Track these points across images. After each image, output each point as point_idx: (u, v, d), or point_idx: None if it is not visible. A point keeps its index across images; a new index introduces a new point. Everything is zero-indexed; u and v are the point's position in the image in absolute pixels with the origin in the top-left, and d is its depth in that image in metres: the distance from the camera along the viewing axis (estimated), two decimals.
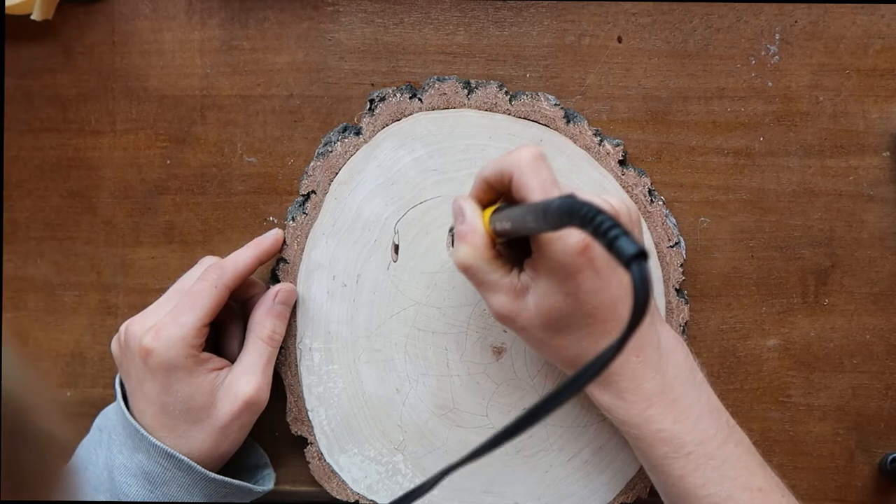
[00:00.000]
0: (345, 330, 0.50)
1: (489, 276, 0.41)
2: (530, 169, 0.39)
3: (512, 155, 0.40)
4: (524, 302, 0.41)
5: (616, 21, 0.49)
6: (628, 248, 0.29)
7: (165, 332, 0.44)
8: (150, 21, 0.51)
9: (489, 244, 0.41)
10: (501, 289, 0.41)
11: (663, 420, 0.41)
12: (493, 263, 0.41)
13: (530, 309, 0.41)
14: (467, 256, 0.41)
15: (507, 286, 0.41)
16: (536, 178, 0.39)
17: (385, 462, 0.50)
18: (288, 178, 0.51)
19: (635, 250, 0.28)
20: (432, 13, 0.50)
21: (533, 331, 0.41)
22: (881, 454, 0.51)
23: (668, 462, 0.41)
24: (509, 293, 0.41)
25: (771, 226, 0.50)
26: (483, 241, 0.41)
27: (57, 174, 0.52)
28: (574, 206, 0.32)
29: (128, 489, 0.44)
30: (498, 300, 0.41)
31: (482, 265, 0.41)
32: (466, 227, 0.41)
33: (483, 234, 0.41)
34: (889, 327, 0.50)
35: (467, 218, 0.41)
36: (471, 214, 0.41)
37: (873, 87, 0.49)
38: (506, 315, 0.41)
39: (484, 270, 0.41)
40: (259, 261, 0.48)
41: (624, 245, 0.29)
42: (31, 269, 0.53)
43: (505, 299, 0.41)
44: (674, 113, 0.50)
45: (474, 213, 0.41)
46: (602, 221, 0.30)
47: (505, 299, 0.41)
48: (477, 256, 0.40)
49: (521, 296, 0.41)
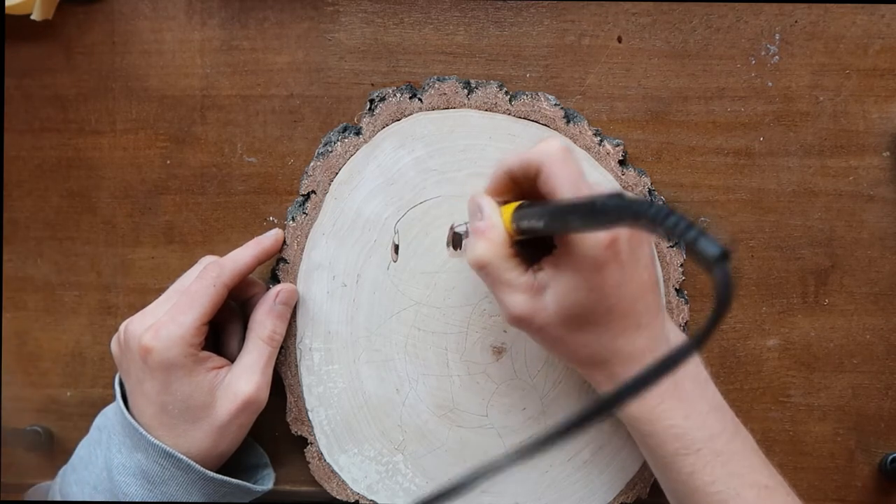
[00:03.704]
0: (345, 330, 0.49)
1: (506, 274, 0.40)
2: (561, 161, 0.38)
3: (540, 147, 0.39)
4: (542, 301, 0.40)
5: (616, 21, 0.49)
6: (712, 249, 0.27)
7: (165, 331, 0.44)
8: (150, 21, 0.51)
9: (508, 242, 0.40)
10: (519, 288, 0.40)
11: (675, 416, 0.41)
12: (510, 261, 0.40)
13: (548, 307, 0.40)
14: (486, 253, 0.40)
15: (524, 285, 0.40)
16: (567, 171, 0.38)
17: (385, 462, 0.50)
18: (288, 178, 0.51)
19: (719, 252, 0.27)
20: (432, 13, 0.50)
21: (551, 330, 0.40)
22: (881, 454, 0.50)
23: (678, 459, 0.41)
24: (527, 292, 0.40)
25: (771, 226, 0.50)
26: (502, 237, 0.40)
27: (57, 174, 0.52)
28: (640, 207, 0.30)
29: (127, 488, 0.44)
30: (514, 299, 0.40)
31: (500, 263, 0.40)
32: (485, 223, 0.40)
33: (502, 230, 0.40)
34: (889, 327, 0.50)
35: (486, 214, 0.40)
36: (489, 210, 0.40)
37: (873, 87, 0.49)
38: (523, 315, 0.40)
39: (502, 268, 0.40)
40: (259, 260, 0.48)
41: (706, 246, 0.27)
42: (31, 269, 0.53)
43: (522, 298, 0.40)
44: (674, 113, 0.50)
45: (493, 210, 0.41)
46: (678, 223, 0.28)
47: (522, 298, 0.40)
48: (496, 254, 0.40)
49: (539, 294, 0.40)
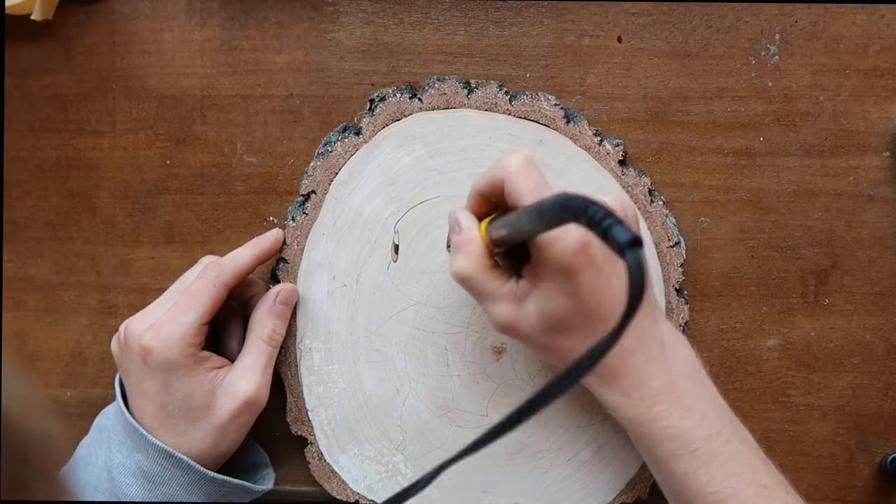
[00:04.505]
0: (345, 330, 0.49)
1: (487, 285, 0.41)
2: (520, 173, 0.40)
3: (500, 163, 0.40)
4: (525, 308, 0.41)
5: (616, 21, 0.49)
6: (622, 235, 0.29)
7: (165, 331, 0.44)
8: (150, 21, 0.51)
9: (486, 253, 0.41)
10: (501, 297, 0.41)
11: (670, 416, 0.41)
12: (490, 273, 0.41)
13: (531, 315, 0.41)
14: (465, 266, 0.41)
15: (507, 294, 0.41)
16: (527, 181, 0.39)
17: (385, 462, 0.50)
18: (288, 178, 0.51)
19: (629, 237, 0.28)
20: (432, 13, 0.50)
21: (536, 336, 0.41)
22: (881, 454, 0.50)
23: (674, 459, 0.41)
24: (510, 301, 0.41)
25: (771, 226, 0.50)
26: (479, 250, 0.41)
27: (57, 174, 0.52)
28: (567, 199, 0.32)
29: (127, 489, 0.44)
30: (498, 309, 0.41)
31: (480, 274, 0.41)
32: (463, 237, 0.41)
33: (479, 243, 0.41)
34: (889, 327, 0.50)
35: (463, 229, 0.42)
36: (467, 225, 0.42)
37: (873, 87, 0.49)
38: (507, 324, 0.41)
39: (482, 280, 0.41)
40: (258, 260, 0.48)
41: (618, 233, 0.29)
42: (31, 269, 0.53)
43: (505, 308, 0.41)
44: (674, 113, 0.50)
45: (470, 224, 0.42)
46: (595, 212, 0.30)
47: (505, 308, 0.41)
48: (475, 266, 0.41)
49: (522, 302, 0.41)
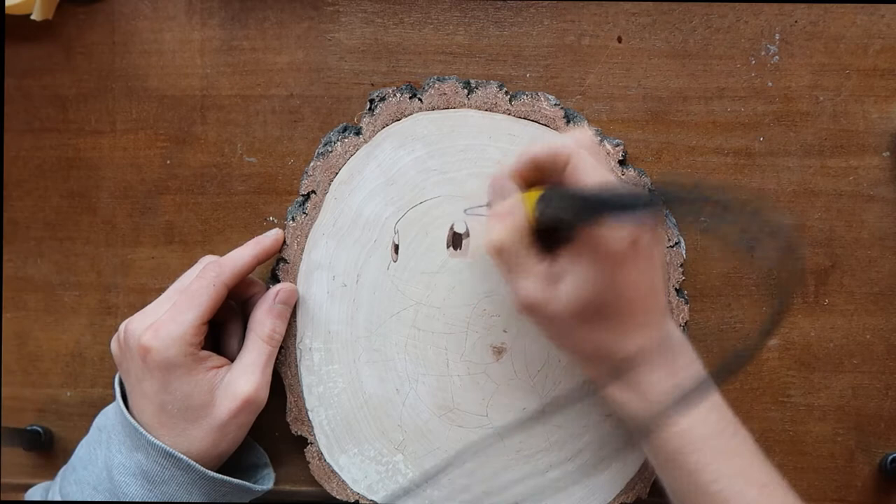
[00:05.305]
0: (345, 330, 0.49)
1: (522, 260, 0.40)
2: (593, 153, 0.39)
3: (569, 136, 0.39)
4: (555, 290, 0.40)
5: (616, 21, 0.49)
6: None
7: (164, 331, 0.44)
8: (150, 21, 0.51)
9: (528, 228, 0.40)
10: (533, 274, 0.40)
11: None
12: (527, 248, 0.40)
13: (562, 298, 0.40)
14: (504, 238, 0.40)
15: (539, 273, 0.40)
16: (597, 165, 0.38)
17: (385, 462, 0.50)
18: (288, 178, 0.51)
19: None
20: (432, 13, 0.50)
21: (560, 320, 0.40)
22: (881, 454, 0.50)
23: (680, 457, 0.41)
24: (541, 280, 0.40)
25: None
26: (523, 223, 0.40)
27: (57, 174, 0.52)
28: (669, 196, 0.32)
29: (127, 488, 0.44)
30: (527, 285, 0.40)
31: (518, 248, 0.40)
32: (507, 206, 0.40)
33: (523, 216, 0.40)
34: (889, 327, 0.50)
35: (509, 198, 0.40)
36: (513, 195, 0.40)
37: (873, 87, 0.49)
38: (533, 303, 0.40)
39: (518, 254, 0.40)
40: (258, 260, 0.48)
41: None
42: (31, 269, 0.53)
43: (535, 285, 0.40)
44: (674, 113, 0.50)
45: (517, 195, 0.41)
46: None
47: (535, 285, 0.40)
48: (515, 238, 0.40)
49: (553, 284, 0.40)
